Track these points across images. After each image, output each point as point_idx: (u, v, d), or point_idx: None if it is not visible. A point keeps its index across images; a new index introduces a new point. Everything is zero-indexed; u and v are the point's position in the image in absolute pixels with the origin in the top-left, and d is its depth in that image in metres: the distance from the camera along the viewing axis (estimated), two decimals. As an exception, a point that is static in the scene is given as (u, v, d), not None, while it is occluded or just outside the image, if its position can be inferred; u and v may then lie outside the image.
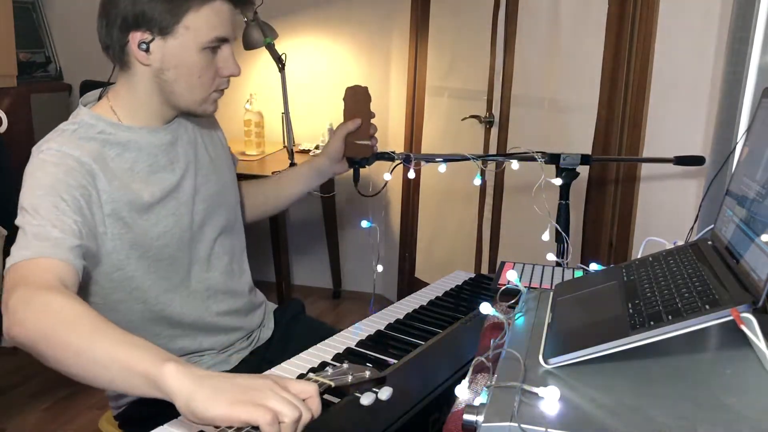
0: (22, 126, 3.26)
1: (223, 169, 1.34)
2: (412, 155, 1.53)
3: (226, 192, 1.33)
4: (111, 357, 0.82)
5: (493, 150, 2.63)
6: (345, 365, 0.94)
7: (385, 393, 0.92)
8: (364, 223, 1.53)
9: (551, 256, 1.44)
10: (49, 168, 1.05)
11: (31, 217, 1.00)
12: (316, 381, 0.87)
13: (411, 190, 3.09)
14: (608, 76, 2.07)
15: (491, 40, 2.58)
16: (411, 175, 1.50)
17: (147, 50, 1.09)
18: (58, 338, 0.85)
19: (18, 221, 1.02)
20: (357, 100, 1.42)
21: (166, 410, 0.96)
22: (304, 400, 0.78)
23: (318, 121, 3.21)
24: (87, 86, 2.72)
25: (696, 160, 1.64)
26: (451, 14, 2.81)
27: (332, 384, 0.87)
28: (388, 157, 1.52)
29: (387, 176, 1.54)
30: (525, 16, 2.43)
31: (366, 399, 0.91)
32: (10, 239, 2.37)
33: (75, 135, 1.11)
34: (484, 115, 2.65)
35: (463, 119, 2.70)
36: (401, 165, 1.54)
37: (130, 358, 0.81)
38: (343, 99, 1.42)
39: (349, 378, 0.90)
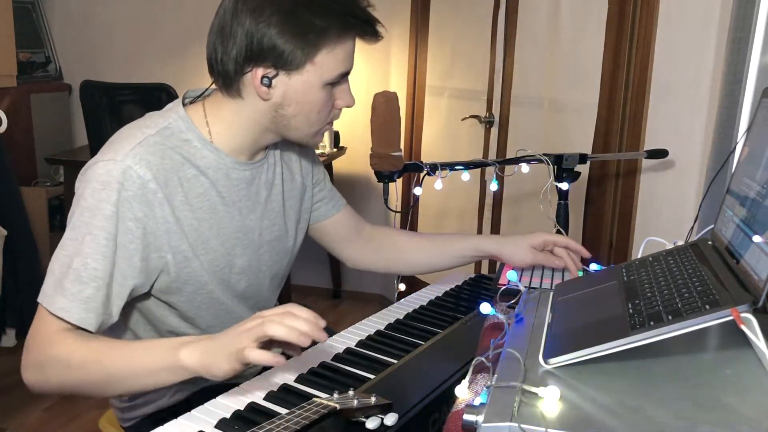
0: (22, 126, 3.26)
1: (290, 213, 1.27)
2: (439, 165, 1.43)
3: (286, 238, 1.27)
4: (134, 370, 0.96)
5: (493, 150, 2.63)
6: (351, 392, 0.94)
7: (390, 419, 0.92)
8: None
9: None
10: (111, 192, 1.00)
11: (75, 251, 0.99)
12: (321, 403, 0.87)
13: (411, 190, 3.09)
14: (608, 76, 2.07)
15: (491, 40, 2.58)
16: (438, 186, 1.40)
17: (269, 85, 1.04)
18: (82, 384, 0.99)
19: (65, 239, 1.01)
20: (389, 106, 1.32)
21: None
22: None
23: (318, 121, 3.20)
24: (87, 86, 2.72)
25: (660, 153, 1.81)
26: (451, 14, 2.81)
27: (337, 406, 0.87)
28: (416, 168, 1.42)
29: (417, 190, 1.46)
30: (525, 16, 2.43)
31: (371, 423, 0.91)
32: (10, 239, 2.38)
33: (158, 139, 1.06)
34: (484, 115, 2.65)
35: (463, 119, 2.70)
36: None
37: (150, 362, 0.95)
38: (372, 106, 1.33)
39: (355, 402, 0.90)
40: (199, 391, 1.21)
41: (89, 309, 0.99)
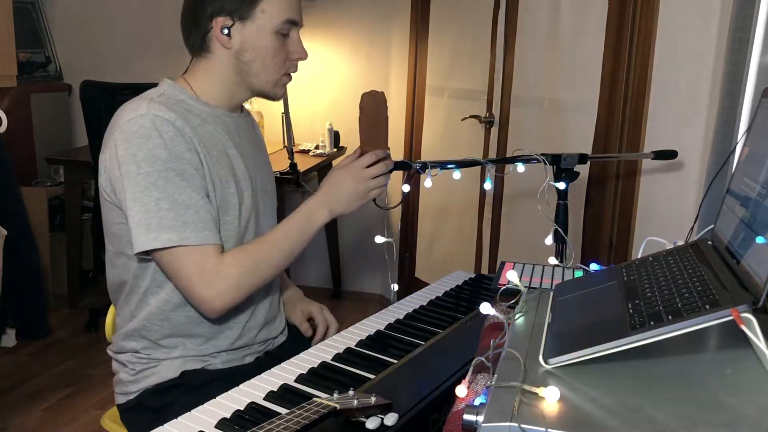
0: (22, 126, 3.26)
1: (271, 173, 1.45)
2: (429, 163, 1.45)
3: (273, 193, 1.43)
4: (304, 240, 1.24)
5: (493, 150, 2.63)
6: (351, 392, 0.94)
7: (390, 419, 0.92)
8: (379, 239, 1.43)
9: (553, 260, 1.43)
10: (156, 139, 1.13)
11: (160, 196, 1.11)
12: (321, 403, 0.87)
13: (411, 190, 3.08)
14: (608, 76, 2.07)
15: (491, 40, 2.58)
16: (428, 184, 1.43)
17: (228, 35, 1.22)
18: (269, 273, 1.22)
19: (136, 194, 1.11)
20: (376, 106, 1.35)
21: (173, 404, 0.98)
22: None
23: (318, 121, 3.21)
24: (87, 86, 2.72)
25: (670, 154, 1.75)
26: (451, 14, 2.81)
27: (338, 406, 0.87)
28: (405, 166, 1.44)
29: (405, 188, 1.47)
30: (525, 16, 2.43)
31: (371, 423, 0.91)
32: (10, 239, 2.37)
33: (162, 99, 1.21)
34: (484, 115, 2.65)
35: (463, 119, 2.70)
36: (401, 171, 1.46)
37: (314, 230, 1.25)
38: (360, 106, 1.34)
39: (355, 402, 0.90)
40: (199, 369, 1.25)
41: (214, 228, 1.17)
